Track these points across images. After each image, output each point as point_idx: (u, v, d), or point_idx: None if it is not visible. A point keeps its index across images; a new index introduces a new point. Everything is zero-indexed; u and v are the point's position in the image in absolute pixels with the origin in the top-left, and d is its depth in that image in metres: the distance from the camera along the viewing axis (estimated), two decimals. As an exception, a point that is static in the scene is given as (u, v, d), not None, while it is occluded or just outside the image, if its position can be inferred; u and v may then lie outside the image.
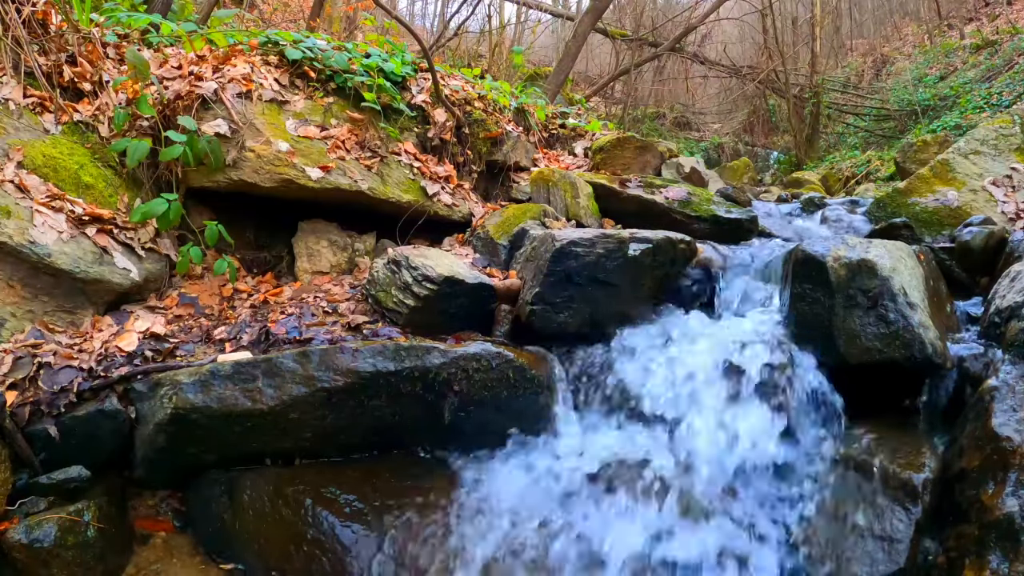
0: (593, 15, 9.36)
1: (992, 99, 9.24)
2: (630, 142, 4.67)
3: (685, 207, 3.63)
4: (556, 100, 7.75)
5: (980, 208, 3.73)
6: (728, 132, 15.03)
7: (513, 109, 4.60)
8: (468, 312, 2.80)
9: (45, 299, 2.59)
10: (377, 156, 3.48)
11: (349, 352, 2.40)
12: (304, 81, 3.56)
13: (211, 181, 3.12)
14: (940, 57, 12.50)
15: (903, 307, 2.37)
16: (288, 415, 2.33)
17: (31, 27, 2.93)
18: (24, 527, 2.06)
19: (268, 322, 2.71)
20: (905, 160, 5.86)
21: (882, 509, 2.08)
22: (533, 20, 14.22)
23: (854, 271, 2.45)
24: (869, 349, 2.38)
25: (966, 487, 2.02)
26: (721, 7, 11.91)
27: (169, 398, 2.29)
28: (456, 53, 9.07)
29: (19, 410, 2.21)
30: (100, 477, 2.27)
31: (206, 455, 2.37)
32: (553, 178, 3.77)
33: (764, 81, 12.50)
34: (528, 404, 2.53)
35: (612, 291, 2.78)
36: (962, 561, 1.89)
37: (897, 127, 11.19)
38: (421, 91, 3.89)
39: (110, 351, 2.49)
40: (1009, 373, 2.20)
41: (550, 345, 2.77)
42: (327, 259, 3.39)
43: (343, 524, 2.20)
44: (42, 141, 2.78)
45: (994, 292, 2.66)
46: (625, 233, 2.85)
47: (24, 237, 2.49)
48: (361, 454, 2.47)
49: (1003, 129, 4.20)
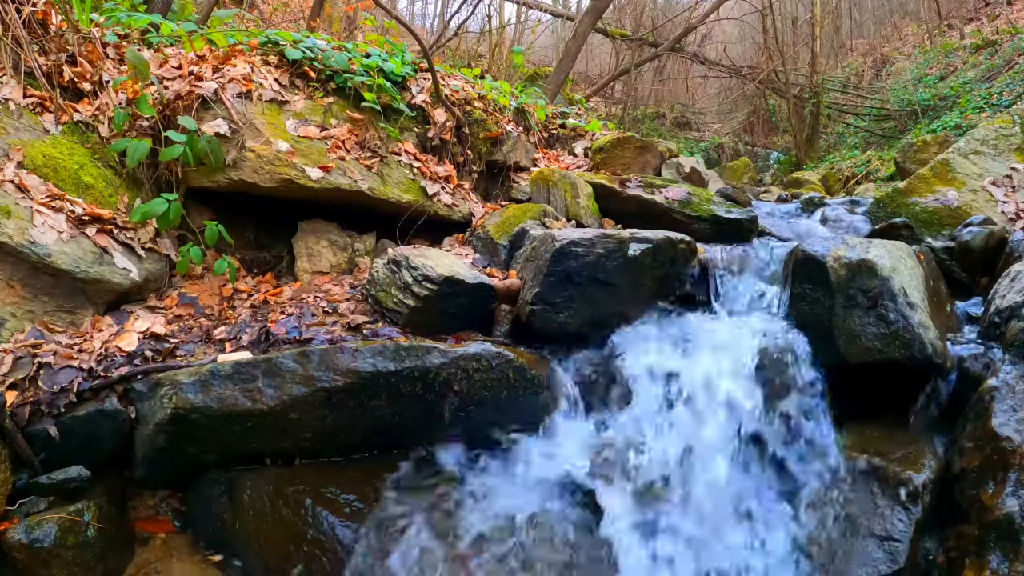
0: (593, 15, 9.36)
1: (992, 99, 9.24)
2: (630, 142, 4.68)
3: (685, 207, 3.63)
4: (556, 100, 7.75)
5: (980, 208, 3.73)
6: (728, 132, 15.03)
7: (513, 109, 4.60)
8: (468, 312, 2.80)
9: (45, 299, 2.59)
10: (377, 156, 3.48)
11: (349, 352, 2.40)
12: (304, 81, 3.56)
13: (211, 181, 3.12)
14: (940, 57, 12.50)
15: (903, 307, 2.37)
16: (288, 415, 2.33)
17: (31, 27, 2.93)
18: (24, 527, 2.06)
19: (268, 322, 2.71)
20: (905, 160, 5.86)
21: (882, 509, 2.08)
22: (533, 20, 14.23)
23: (854, 271, 2.45)
24: (869, 349, 2.38)
25: (966, 487, 2.03)
26: (721, 7, 11.90)
27: (169, 398, 2.29)
28: (456, 53, 9.07)
29: (19, 410, 2.21)
30: (100, 477, 2.27)
31: (206, 455, 2.37)
32: (553, 178, 3.77)
33: (764, 81, 12.50)
34: (528, 404, 2.52)
35: (612, 291, 2.78)
36: (962, 561, 1.90)
37: (897, 127, 11.19)
38: (421, 91, 3.89)
39: (110, 351, 2.49)
40: (1009, 373, 2.21)
41: (550, 345, 2.77)
42: (327, 259, 3.39)
43: (343, 524, 2.20)
44: (42, 141, 2.78)
45: (994, 292, 2.66)
46: (625, 233, 2.85)
47: (24, 237, 2.49)
48: (361, 454, 2.47)
49: (1003, 129, 4.20)
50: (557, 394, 2.60)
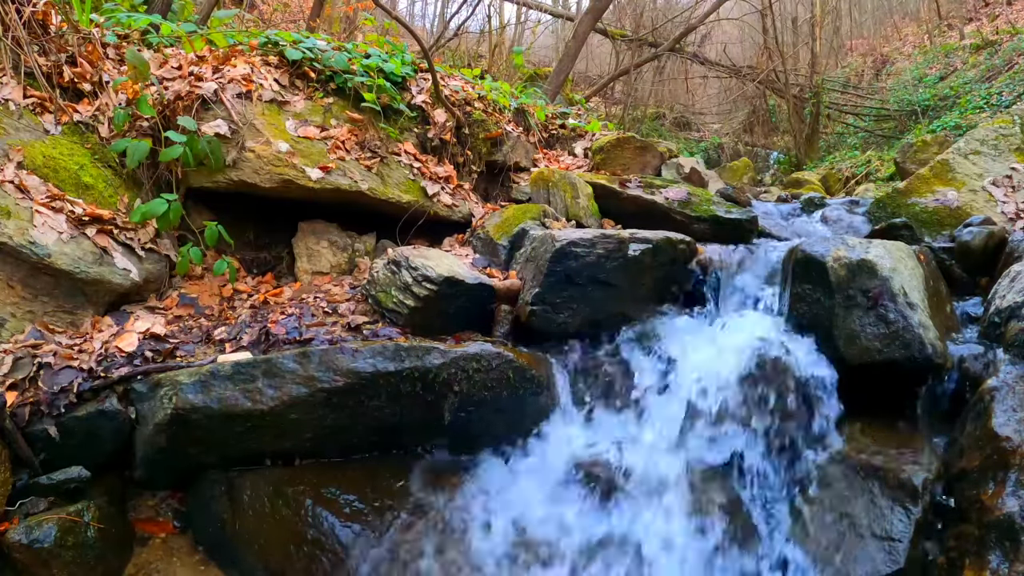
0: (593, 15, 9.35)
1: (992, 99, 9.23)
2: (630, 142, 4.68)
3: (685, 207, 3.63)
4: (556, 100, 7.74)
5: (980, 208, 3.73)
6: (728, 132, 15.02)
7: (513, 109, 4.60)
8: (468, 312, 2.80)
9: (45, 299, 2.59)
10: (377, 156, 3.48)
11: (349, 352, 2.40)
12: (304, 81, 3.56)
13: (211, 181, 3.12)
14: (940, 57, 12.49)
15: (903, 307, 2.37)
16: (288, 415, 2.33)
17: (31, 28, 2.93)
18: (24, 527, 2.06)
19: (268, 322, 2.71)
20: (905, 160, 5.86)
21: (882, 509, 2.08)
22: (533, 20, 14.22)
23: (854, 271, 2.45)
24: (869, 349, 2.38)
25: (966, 487, 2.03)
26: (721, 7, 11.88)
27: (169, 398, 2.29)
28: (456, 53, 9.07)
29: (19, 410, 2.21)
30: (100, 477, 2.27)
31: (206, 455, 2.37)
32: (553, 178, 3.77)
33: (764, 81, 12.48)
34: (528, 404, 2.52)
35: (612, 291, 2.78)
36: (962, 561, 1.90)
37: (897, 127, 11.18)
38: (421, 91, 3.89)
39: (110, 351, 2.49)
40: (1009, 373, 2.21)
41: (550, 345, 2.77)
42: (327, 259, 3.39)
43: (343, 524, 2.20)
44: (42, 142, 2.78)
45: (994, 292, 2.66)
46: (625, 233, 2.85)
47: (24, 237, 2.49)
48: (361, 454, 2.47)
49: (1003, 129, 4.20)
50: (557, 394, 2.60)
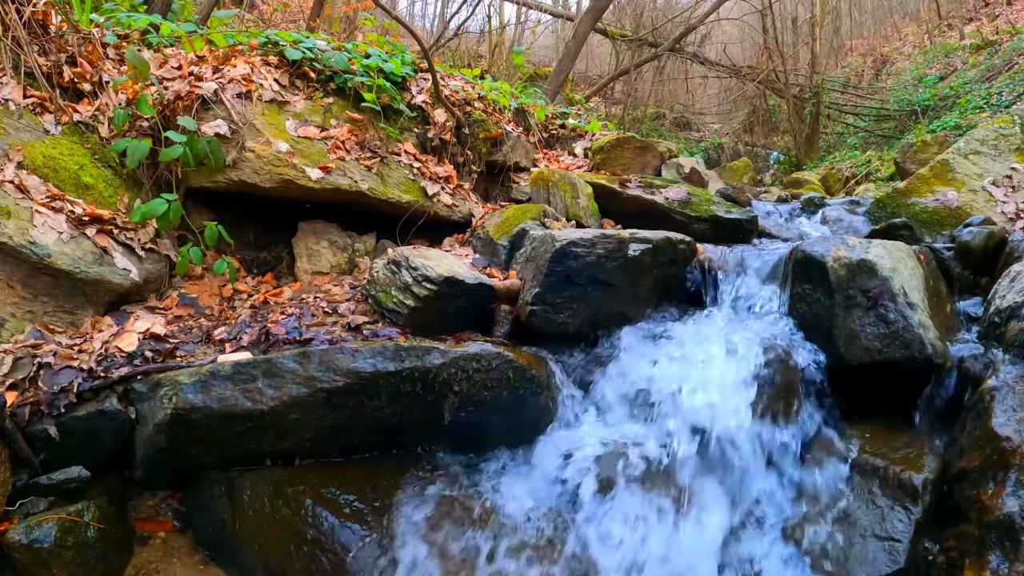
0: (593, 15, 9.35)
1: (992, 99, 9.23)
2: (630, 142, 4.68)
3: (685, 207, 3.63)
4: (556, 100, 7.74)
5: (980, 208, 3.73)
6: (728, 132, 15.02)
7: (513, 109, 4.60)
8: (468, 312, 2.80)
9: (45, 299, 2.59)
10: (377, 156, 3.48)
11: (349, 352, 2.40)
12: (304, 81, 3.56)
13: (211, 181, 3.12)
14: (940, 57, 12.49)
15: (903, 307, 2.37)
16: (288, 415, 2.33)
17: (31, 28, 2.93)
18: (24, 527, 2.06)
19: (268, 322, 2.71)
20: (905, 160, 5.87)
21: (882, 509, 2.08)
22: (533, 20, 14.23)
23: (854, 271, 2.45)
24: (869, 349, 2.38)
25: (966, 487, 2.03)
26: (721, 7, 11.89)
27: (169, 398, 2.29)
28: (456, 53, 9.07)
29: (19, 410, 2.20)
30: (100, 477, 2.27)
31: (206, 455, 2.37)
32: (553, 178, 3.77)
33: (764, 81, 12.49)
34: (528, 404, 2.52)
35: (612, 291, 2.78)
36: (962, 561, 1.90)
37: (897, 127, 11.18)
38: (421, 91, 3.89)
39: (110, 351, 2.49)
40: (1009, 373, 2.21)
41: (550, 345, 2.77)
42: (327, 259, 3.39)
43: (343, 524, 2.20)
44: (42, 142, 2.78)
45: (994, 292, 2.66)
46: (625, 233, 2.85)
47: (24, 237, 2.49)
48: (361, 454, 2.47)
49: (1003, 129, 4.20)
50: (557, 394, 2.60)
